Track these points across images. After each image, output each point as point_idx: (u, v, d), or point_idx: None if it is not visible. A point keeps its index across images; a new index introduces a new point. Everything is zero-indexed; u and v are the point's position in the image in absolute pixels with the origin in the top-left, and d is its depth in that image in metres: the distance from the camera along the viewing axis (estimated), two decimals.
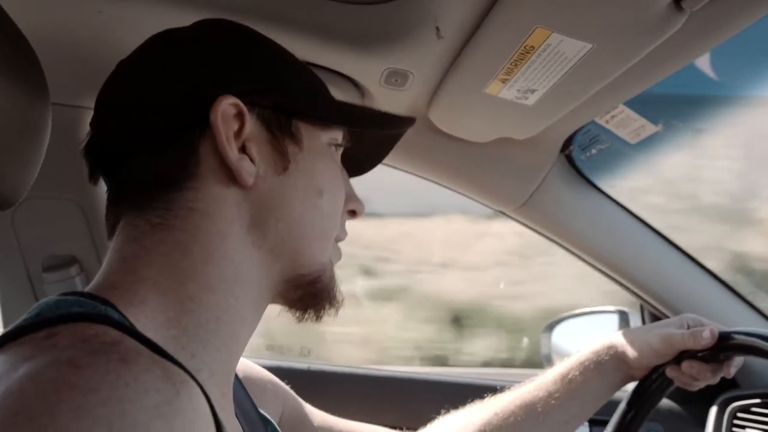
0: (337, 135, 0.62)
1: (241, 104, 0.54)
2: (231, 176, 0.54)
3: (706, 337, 0.77)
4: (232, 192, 0.54)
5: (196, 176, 0.53)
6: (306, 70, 0.62)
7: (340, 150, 0.65)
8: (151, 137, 0.53)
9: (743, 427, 1.11)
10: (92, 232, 1.02)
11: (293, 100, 0.58)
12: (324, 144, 0.61)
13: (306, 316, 0.61)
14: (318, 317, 0.61)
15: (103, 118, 0.57)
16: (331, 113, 0.61)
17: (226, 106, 0.53)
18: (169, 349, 0.46)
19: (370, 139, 0.69)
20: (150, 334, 0.46)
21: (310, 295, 0.60)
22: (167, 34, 0.59)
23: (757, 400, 1.11)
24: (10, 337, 0.43)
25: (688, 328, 0.81)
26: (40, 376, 0.38)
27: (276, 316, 0.63)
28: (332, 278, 0.61)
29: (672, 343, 0.80)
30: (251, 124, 0.55)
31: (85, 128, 0.60)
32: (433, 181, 1.13)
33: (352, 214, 0.66)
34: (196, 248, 0.53)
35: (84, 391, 0.36)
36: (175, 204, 0.53)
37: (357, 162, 0.72)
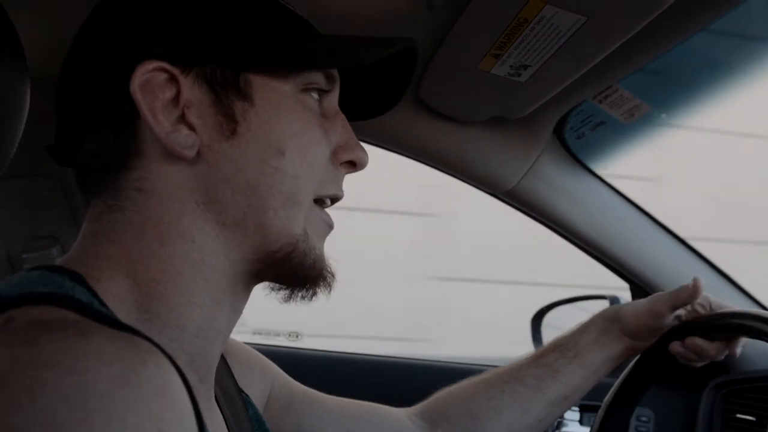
0: (314, 78, 0.54)
1: (170, 67, 0.48)
2: None
3: (692, 286, 0.78)
4: (178, 167, 0.50)
5: (139, 155, 0.50)
6: (266, 9, 0.53)
7: (331, 94, 0.57)
8: (93, 119, 0.50)
9: (735, 411, 1.11)
10: (74, 212, 1.00)
11: (238, 50, 0.51)
12: (288, 93, 0.52)
13: (289, 296, 0.56)
14: (303, 297, 0.56)
15: (57, 101, 0.54)
16: (288, 56, 0.52)
17: (150, 73, 0.48)
18: (144, 332, 0.43)
19: (376, 68, 0.59)
20: (122, 316, 0.45)
21: (285, 273, 0.54)
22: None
23: (750, 384, 1.10)
24: None
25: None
26: None
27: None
28: (310, 251, 0.54)
29: (662, 301, 0.80)
30: (189, 87, 0.49)
31: None
32: (422, 163, 1.11)
33: (351, 166, 0.58)
34: (149, 229, 0.49)
35: (42, 366, 0.35)
36: (124, 185, 0.50)
37: (377, 96, 0.64)
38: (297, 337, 1.77)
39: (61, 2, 0.81)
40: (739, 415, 1.10)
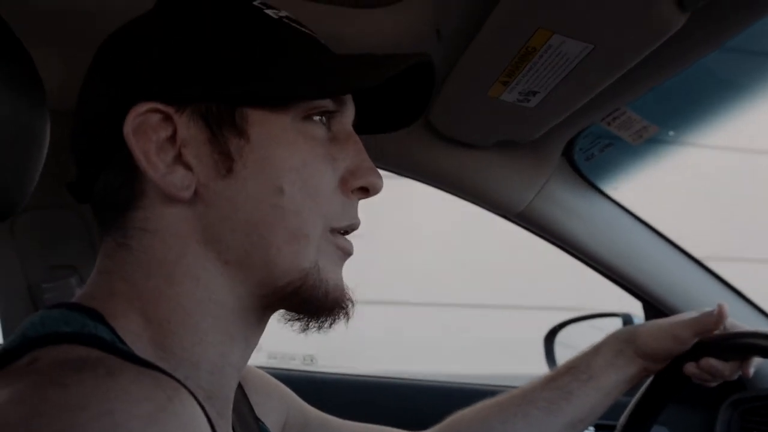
0: (318, 102, 0.52)
1: (164, 107, 0.48)
2: None
3: (717, 314, 0.76)
4: (177, 208, 0.49)
5: (141, 195, 0.49)
6: (263, 37, 0.51)
7: (341, 114, 0.54)
8: (101, 158, 0.51)
9: (752, 428, 1.10)
10: (92, 242, 1.01)
11: (232, 85, 0.49)
12: (288, 124, 0.50)
13: (305, 326, 0.54)
14: (320, 327, 0.54)
15: (72, 138, 0.54)
16: (284, 88, 0.50)
17: (143, 115, 0.47)
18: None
19: (397, 82, 0.56)
20: (139, 354, 0.45)
21: (297, 305, 0.53)
22: (111, 35, 0.54)
23: (766, 402, 1.10)
24: None
25: None
26: (25, 400, 0.36)
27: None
28: (321, 283, 0.52)
29: (685, 327, 0.78)
30: (185, 126, 0.48)
31: None
32: (432, 186, 1.12)
33: (363, 192, 0.55)
34: (156, 269, 0.49)
35: (73, 409, 0.35)
36: (131, 224, 0.50)
37: (398, 110, 0.61)
38: (312, 360, 1.77)
39: (78, 35, 0.82)
40: None
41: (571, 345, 1.52)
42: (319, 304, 0.53)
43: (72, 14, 0.75)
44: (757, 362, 0.79)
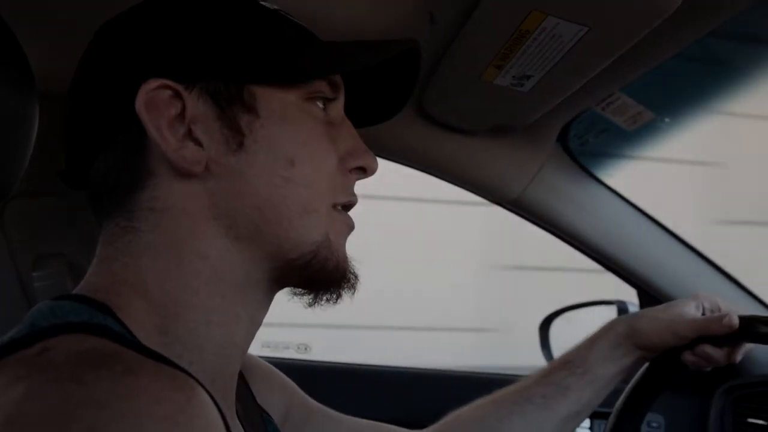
0: (318, 86, 0.54)
1: (174, 84, 0.48)
2: None
3: (726, 324, 0.74)
4: (187, 184, 0.49)
5: (149, 174, 0.50)
6: (266, 20, 0.53)
7: (336, 101, 0.56)
8: (102, 140, 0.50)
9: (746, 415, 1.11)
10: (81, 230, 1.01)
11: (241, 63, 0.50)
12: (293, 102, 0.52)
13: (313, 300, 0.55)
14: (328, 300, 0.55)
15: (65, 124, 0.54)
16: (291, 66, 0.52)
17: (154, 90, 0.48)
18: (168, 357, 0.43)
19: (380, 73, 0.58)
20: (144, 342, 0.44)
21: (308, 279, 0.54)
22: (112, 20, 0.54)
23: (760, 388, 1.10)
24: (4, 351, 0.41)
25: (703, 309, 0.79)
26: (43, 396, 0.36)
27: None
28: (332, 255, 0.53)
29: (688, 326, 0.77)
30: (194, 103, 0.49)
31: None
32: (426, 173, 1.12)
33: (361, 171, 0.57)
34: (164, 249, 0.49)
35: (95, 407, 0.35)
36: (137, 205, 0.50)
37: (380, 104, 0.63)
38: (306, 349, 1.77)
39: (68, 20, 0.81)
40: (750, 419, 1.10)
41: (567, 333, 1.52)
42: (329, 276, 0.54)
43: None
44: (747, 348, 0.79)
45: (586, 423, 1.26)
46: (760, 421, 1.09)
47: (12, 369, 0.39)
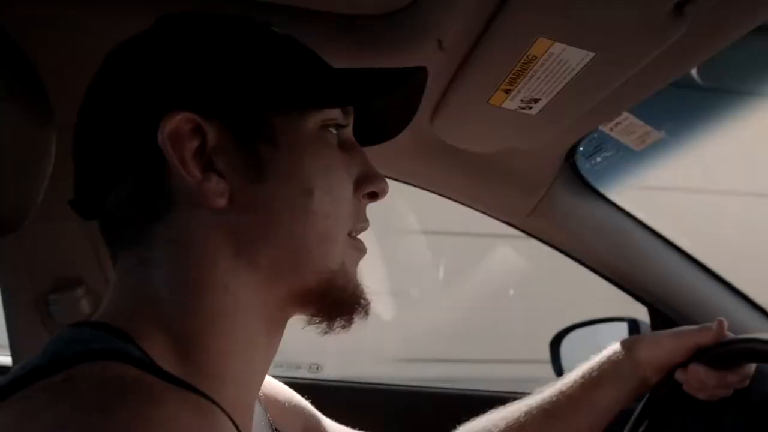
0: (332, 114, 0.54)
1: (195, 117, 0.48)
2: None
3: (715, 329, 0.76)
4: (209, 215, 0.49)
5: (171, 206, 0.50)
6: (281, 50, 0.54)
7: (346, 127, 0.57)
8: (119, 171, 0.50)
9: None
10: (98, 254, 1.02)
11: (259, 94, 0.51)
12: (310, 131, 0.53)
13: (329, 327, 0.55)
14: (343, 326, 0.56)
15: (76, 153, 0.54)
16: (309, 96, 0.52)
17: (175, 124, 0.48)
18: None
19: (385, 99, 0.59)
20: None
21: (325, 307, 0.54)
22: (120, 49, 0.54)
23: None
24: (27, 379, 0.41)
25: None
26: (70, 425, 0.36)
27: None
28: (348, 282, 0.54)
29: (682, 339, 0.79)
30: (214, 136, 0.49)
31: None
32: (436, 194, 1.12)
33: (372, 197, 0.58)
34: (184, 281, 0.49)
35: None
36: (158, 237, 0.50)
37: (386, 123, 0.64)
38: (317, 369, 1.77)
39: (84, 51, 0.83)
40: None
41: (578, 350, 1.51)
42: (345, 303, 0.55)
43: (82, 30, 0.75)
44: (745, 372, 0.78)
45: None
46: None
47: (37, 398, 0.39)
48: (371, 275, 0.58)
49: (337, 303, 0.54)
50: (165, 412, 0.37)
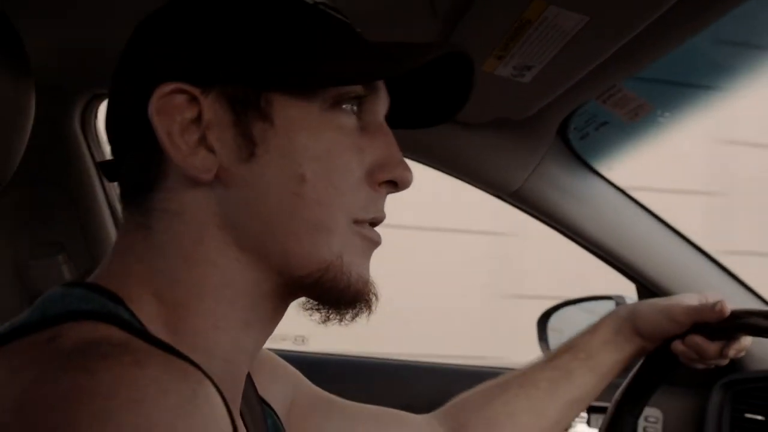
0: (347, 88, 0.50)
1: (190, 87, 0.47)
2: None
3: (718, 310, 0.75)
4: (198, 190, 0.48)
5: (164, 177, 0.49)
6: (298, 19, 0.50)
7: (372, 103, 0.52)
8: (129, 138, 0.50)
9: (744, 410, 1.10)
10: (79, 219, 1.01)
11: (260, 68, 0.48)
12: (314, 111, 0.49)
13: (325, 318, 0.53)
14: (341, 319, 0.53)
15: (105, 118, 0.54)
16: (311, 73, 0.49)
17: (168, 96, 0.47)
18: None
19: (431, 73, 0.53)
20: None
21: (318, 297, 0.52)
22: (146, 19, 0.53)
23: (759, 384, 1.10)
24: (13, 334, 0.41)
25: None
26: (52, 383, 0.36)
27: None
28: (343, 275, 0.50)
29: (684, 311, 0.78)
30: (210, 108, 0.47)
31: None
32: (427, 165, 1.11)
33: (392, 185, 0.53)
34: (175, 252, 0.48)
35: (102, 396, 0.35)
36: (152, 205, 0.49)
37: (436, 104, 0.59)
38: (303, 341, 1.77)
39: (65, 10, 0.81)
40: (747, 415, 1.10)
41: (565, 328, 1.51)
42: (341, 296, 0.51)
43: None
44: (740, 345, 0.78)
45: (583, 417, 1.26)
46: (758, 417, 1.08)
47: (22, 353, 0.40)
48: None
49: (331, 295, 0.51)
50: (146, 373, 0.37)
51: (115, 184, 0.54)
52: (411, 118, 0.60)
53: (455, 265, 3.67)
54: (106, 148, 1.11)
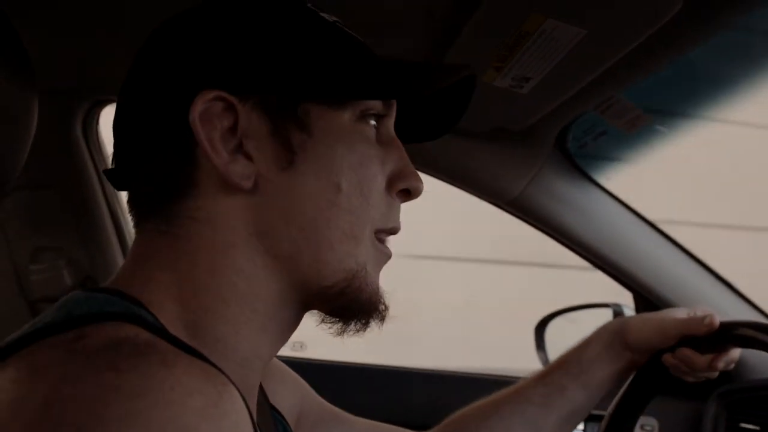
0: (371, 104, 0.52)
1: (229, 96, 0.47)
2: None
3: (707, 323, 0.76)
4: (233, 197, 0.49)
5: (195, 183, 0.49)
6: (325, 35, 0.52)
7: (387, 118, 0.55)
8: (151, 145, 0.50)
9: (739, 420, 1.11)
10: (79, 224, 1.01)
11: (298, 78, 0.49)
12: (346, 122, 0.51)
13: (343, 329, 0.54)
14: (357, 330, 0.54)
15: (115, 125, 0.53)
16: (348, 85, 0.51)
17: (208, 102, 0.47)
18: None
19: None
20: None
21: (340, 307, 0.53)
22: (164, 24, 0.53)
23: (754, 393, 1.10)
24: (36, 334, 0.41)
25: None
26: (80, 382, 0.36)
27: None
28: (366, 285, 0.52)
29: (673, 325, 0.79)
30: (247, 117, 0.48)
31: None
32: (426, 173, 1.12)
33: (406, 194, 0.55)
34: (202, 258, 0.49)
35: (131, 396, 0.35)
36: (178, 213, 0.49)
37: (433, 120, 0.62)
38: (301, 347, 1.77)
39: (67, 16, 0.81)
40: (742, 424, 1.10)
41: (563, 336, 1.52)
42: (361, 306, 0.53)
43: None
44: (730, 356, 0.79)
45: (579, 426, 1.27)
46: (753, 426, 1.09)
47: (48, 352, 0.40)
48: None
49: (354, 305, 0.52)
50: (173, 374, 0.37)
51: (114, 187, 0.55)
52: (411, 130, 0.62)
53: None
54: (108, 154, 1.12)
